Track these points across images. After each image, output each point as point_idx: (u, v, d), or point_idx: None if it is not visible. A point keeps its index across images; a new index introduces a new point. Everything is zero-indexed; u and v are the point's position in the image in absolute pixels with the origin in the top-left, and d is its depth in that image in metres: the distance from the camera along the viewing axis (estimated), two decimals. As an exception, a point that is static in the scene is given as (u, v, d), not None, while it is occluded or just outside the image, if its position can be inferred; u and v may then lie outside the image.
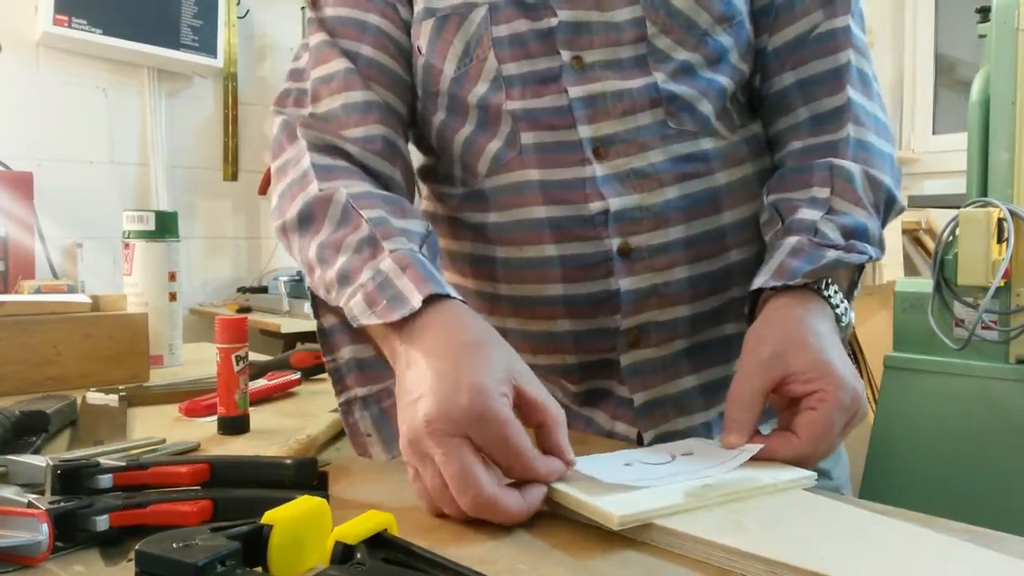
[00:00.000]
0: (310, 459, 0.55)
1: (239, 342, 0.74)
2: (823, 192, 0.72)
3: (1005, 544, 0.48)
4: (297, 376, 0.96)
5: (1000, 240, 1.95)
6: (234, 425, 0.75)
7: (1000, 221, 1.94)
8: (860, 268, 0.72)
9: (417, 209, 0.75)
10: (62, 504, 0.46)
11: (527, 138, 0.74)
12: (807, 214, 0.71)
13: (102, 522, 0.47)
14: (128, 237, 1.10)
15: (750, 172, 0.78)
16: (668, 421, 0.77)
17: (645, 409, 0.77)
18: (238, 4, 2.66)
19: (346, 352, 0.69)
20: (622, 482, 0.52)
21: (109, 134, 2.45)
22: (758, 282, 0.68)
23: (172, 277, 1.12)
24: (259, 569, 0.40)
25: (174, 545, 0.37)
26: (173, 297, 1.12)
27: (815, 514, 0.51)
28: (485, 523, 0.51)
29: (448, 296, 0.60)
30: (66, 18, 2.23)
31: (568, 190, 0.73)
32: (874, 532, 0.48)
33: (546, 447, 0.54)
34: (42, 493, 0.49)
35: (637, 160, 0.73)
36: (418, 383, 0.54)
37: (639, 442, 0.77)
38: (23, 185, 2.10)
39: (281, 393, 0.93)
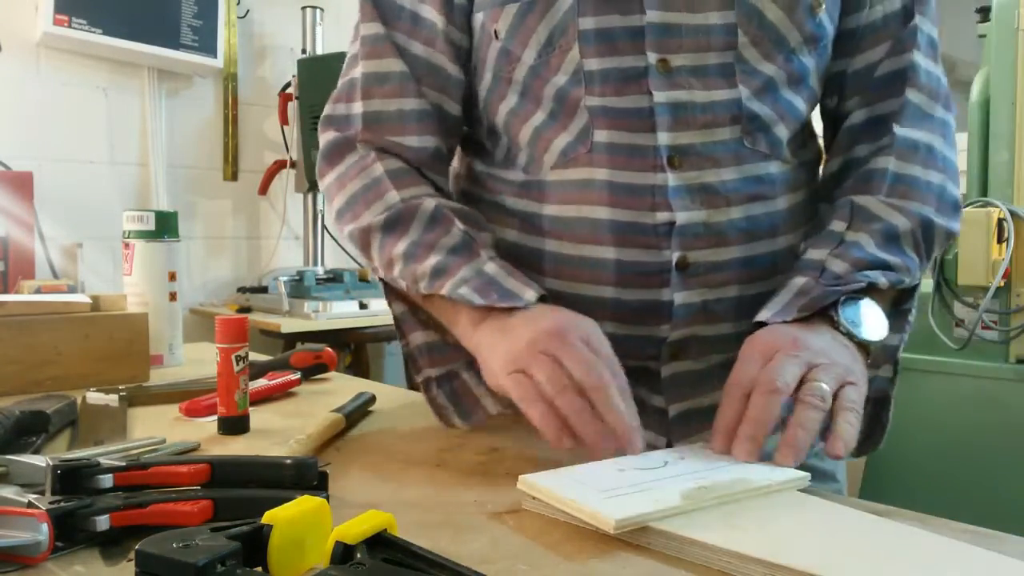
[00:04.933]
0: (310, 459, 0.55)
1: (239, 342, 0.74)
2: (840, 226, 0.72)
3: (1005, 544, 0.48)
4: (297, 376, 0.96)
5: (1000, 240, 1.95)
6: (234, 425, 0.75)
7: (1000, 221, 1.94)
8: (905, 291, 0.72)
9: (487, 223, 0.78)
10: (62, 504, 0.46)
11: (600, 136, 0.73)
12: (815, 254, 0.71)
13: (102, 522, 0.47)
14: (128, 237, 1.10)
15: (804, 199, 0.78)
16: (698, 432, 0.76)
17: (679, 420, 0.76)
18: (238, 4, 2.66)
19: (416, 337, 0.80)
20: (618, 486, 0.52)
21: (109, 134, 2.45)
22: (761, 316, 0.68)
23: (172, 277, 1.12)
24: (259, 569, 0.40)
25: (174, 545, 0.37)
26: (173, 297, 1.12)
27: (812, 515, 0.52)
28: (485, 523, 0.51)
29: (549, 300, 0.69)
30: (66, 18, 2.23)
31: (636, 196, 0.72)
32: (872, 533, 0.48)
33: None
34: (42, 493, 0.49)
35: (710, 175, 0.72)
36: (513, 328, 0.66)
37: None
38: (23, 185, 2.10)
39: (281, 393, 0.93)
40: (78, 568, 0.45)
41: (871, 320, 0.67)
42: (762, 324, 0.68)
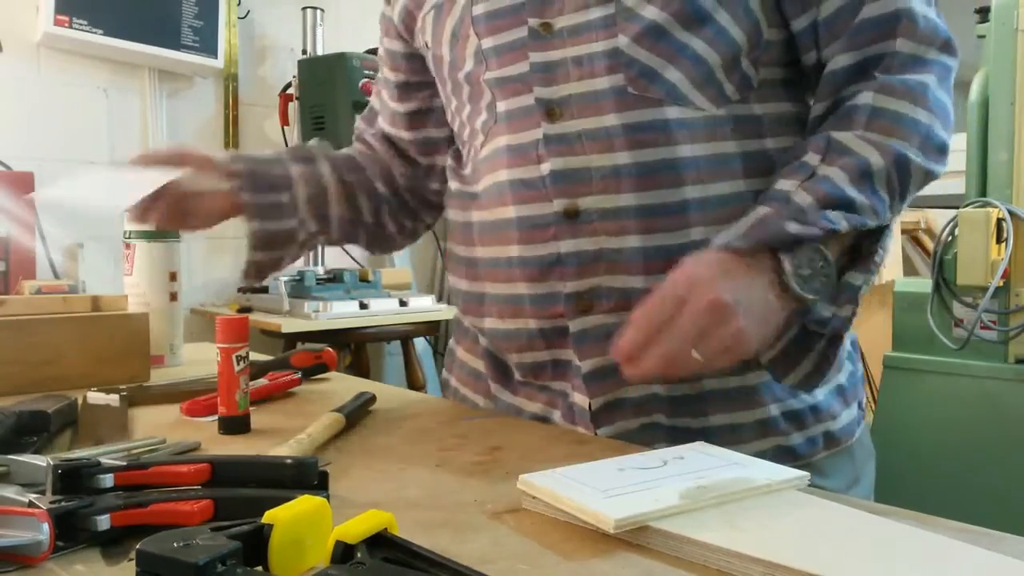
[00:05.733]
0: (310, 459, 0.55)
1: (240, 342, 0.74)
2: (814, 159, 0.70)
3: (1005, 544, 0.48)
4: (297, 376, 0.96)
5: (999, 240, 1.95)
6: (235, 425, 0.75)
7: (999, 221, 1.94)
8: (871, 233, 0.69)
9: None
10: (63, 504, 0.46)
11: (501, 106, 0.79)
12: (784, 184, 0.69)
13: (103, 522, 0.47)
14: (129, 237, 1.11)
15: (732, 151, 0.74)
16: (619, 389, 0.76)
17: (593, 376, 0.76)
18: (239, 5, 2.66)
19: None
20: (617, 485, 0.53)
21: (110, 134, 2.45)
22: (715, 241, 0.68)
23: (173, 277, 1.12)
24: (260, 568, 0.40)
25: (175, 545, 0.37)
26: (174, 297, 1.12)
27: (811, 515, 0.52)
28: (485, 523, 0.51)
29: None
30: (67, 18, 2.23)
31: (524, 153, 0.76)
32: (871, 533, 0.49)
33: None
34: (43, 493, 0.49)
35: (591, 122, 0.73)
36: None
37: (590, 412, 0.76)
38: (24, 185, 2.10)
39: (281, 393, 0.93)
40: (79, 568, 0.45)
41: (821, 272, 0.66)
42: None
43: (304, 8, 2.68)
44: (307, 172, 0.93)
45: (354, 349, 2.53)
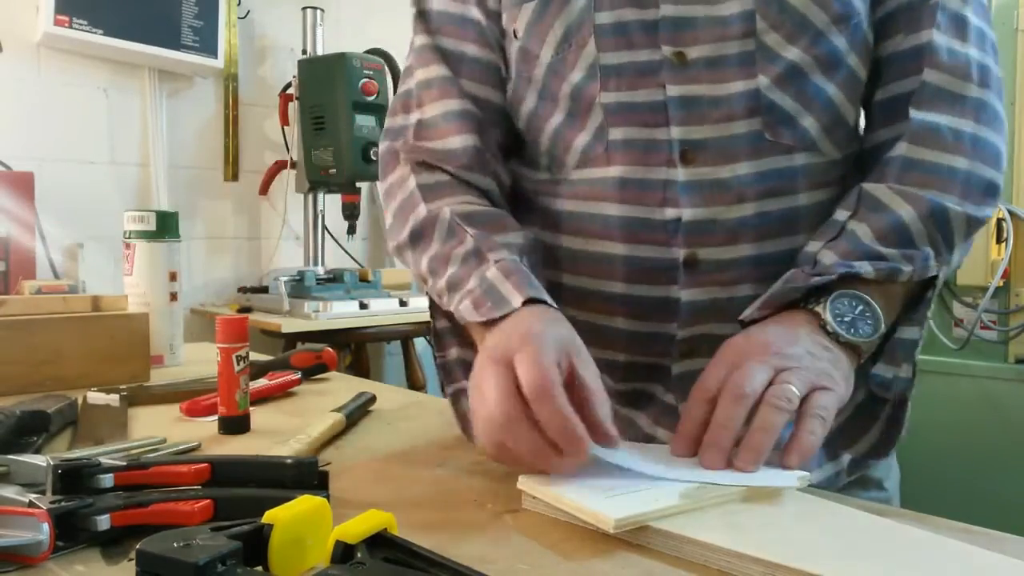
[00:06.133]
0: (310, 459, 0.55)
1: (240, 342, 0.74)
2: (843, 215, 0.68)
3: (1005, 544, 0.48)
4: (297, 376, 0.96)
5: (999, 240, 1.95)
6: (235, 424, 0.75)
7: (999, 221, 1.94)
8: (923, 283, 0.67)
9: (515, 222, 0.76)
10: (63, 504, 0.46)
11: (615, 133, 0.72)
12: (812, 245, 0.68)
13: (103, 521, 0.47)
14: (129, 237, 1.11)
15: (835, 194, 0.73)
16: None
17: None
18: (239, 5, 2.66)
19: (454, 352, 0.78)
20: (617, 485, 0.53)
21: (110, 134, 2.45)
22: (743, 315, 0.67)
23: (173, 277, 1.12)
24: (260, 568, 0.40)
25: (175, 544, 0.37)
26: (174, 297, 1.12)
27: (811, 515, 0.52)
28: (485, 523, 0.51)
29: (544, 301, 0.65)
30: (67, 18, 2.23)
31: (647, 191, 0.71)
32: (872, 533, 0.49)
33: (587, 421, 0.55)
34: (43, 493, 0.49)
35: (724, 171, 0.69)
36: (488, 345, 0.61)
37: None
38: (24, 185, 2.10)
39: (281, 393, 0.93)
40: (79, 568, 0.45)
41: (863, 315, 0.63)
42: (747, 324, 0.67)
43: (304, 8, 2.68)
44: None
45: (354, 349, 2.53)
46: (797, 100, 0.70)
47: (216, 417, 0.76)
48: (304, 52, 2.67)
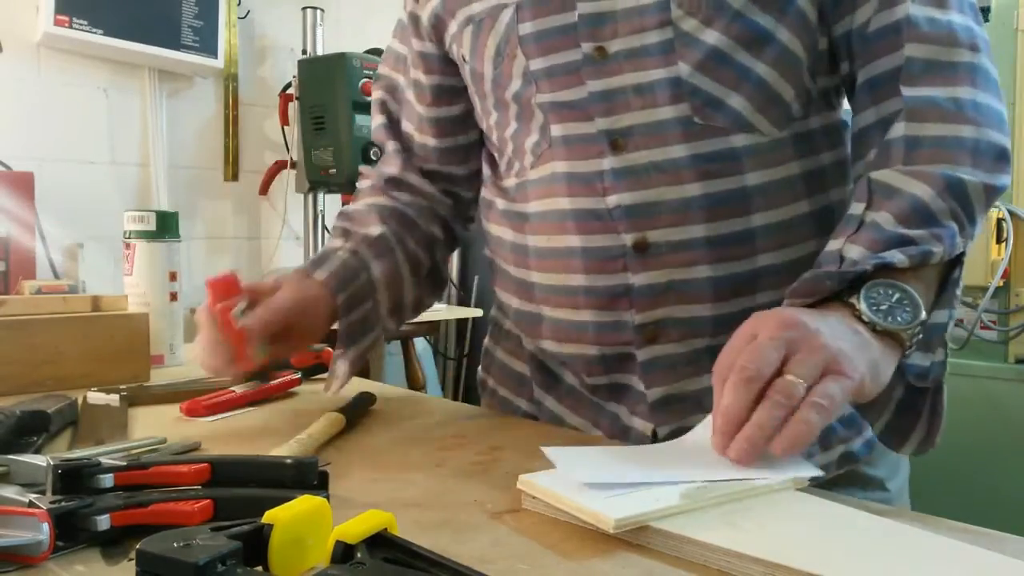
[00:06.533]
0: (310, 459, 0.55)
1: (233, 295, 0.73)
2: (858, 208, 0.66)
3: (1005, 544, 0.48)
4: (297, 376, 0.96)
5: (999, 240, 1.95)
6: (261, 375, 0.75)
7: (999, 221, 1.94)
8: (951, 262, 0.65)
9: (375, 219, 0.90)
10: (63, 504, 0.46)
11: (556, 130, 0.76)
12: (834, 243, 0.66)
13: (103, 521, 0.47)
14: (129, 237, 1.11)
15: (795, 172, 0.73)
16: (684, 417, 0.75)
17: (659, 404, 0.76)
18: (239, 5, 2.66)
19: None
20: (616, 482, 0.53)
21: (110, 134, 2.45)
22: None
23: (173, 277, 1.12)
24: (260, 568, 0.40)
25: (175, 544, 0.37)
26: (174, 297, 1.12)
27: (812, 515, 0.52)
28: (485, 523, 0.51)
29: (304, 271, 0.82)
30: (67, 18, 2.23)
31: (587, 183, 0.74)
32: (872, 533, 0.49)
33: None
34: (43, 492, 0.49)
35: (657, 154, 0.71)
36: None
37: (653, 438, 0.76)
38: (24, 185, 2.10)
39: (281, 393, 0.93)
40: (79, 568, 0.45)
41: (900, 303, 0.61)
42: None
43: (304, 8, 2.69)
44: (387, 270, 0.87)
45: (354, 349, 2.52)
46: (722, 82, 0.71)
47: (216, 417, 0.76)
48: (304, 52, 2.67)
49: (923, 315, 0.60)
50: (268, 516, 0.41)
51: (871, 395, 0.59)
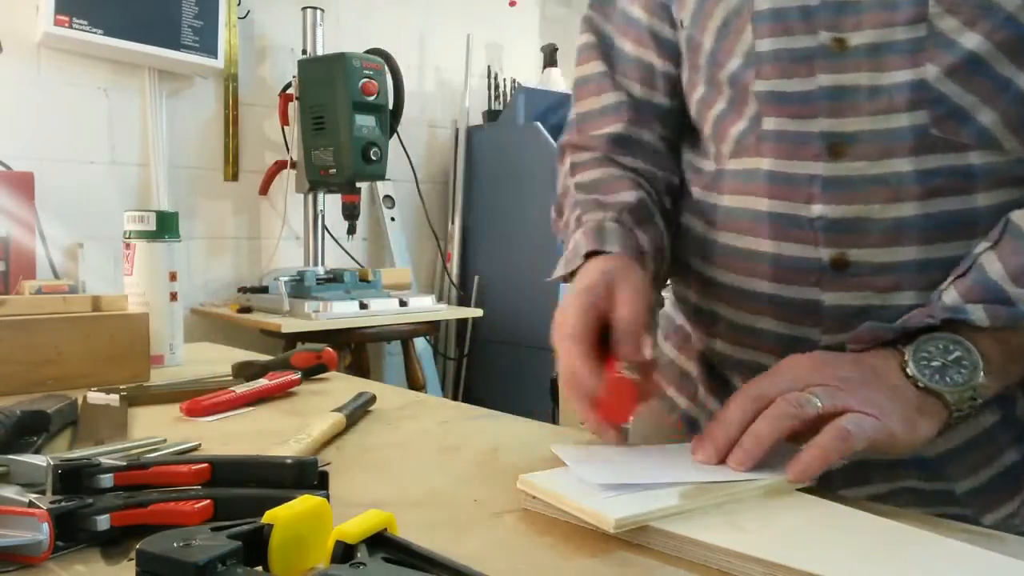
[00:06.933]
0: (311, 459, 0.55)
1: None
2: (982, 246, 0.61)
3: (1005, 544, 0.48)
4: (297, 376, 0.96)
5: (1000, 240, 1.94)
6: None
7: (1000, 221, 1.93)
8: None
9: (630, 183, 0.79)
10: (63, 504, 0.46)
11: (768, 124, 0.69)
12: (946, 281, 0.61)
13: (103, 521, 0.47)
14: (129, 237, 1.11)
15: (1018, 196, 0.64)
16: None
17: None
18: (239, 5, 2.66)
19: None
20: (617, 482, 0.53)
21: (110, 134, 2.45)
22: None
23: (173, 277, 1.12)
24: (260, 568, 0.40)
25: (175, 544, 0.37)
26: (174, 297, 1.12)
27: (812, 515, 0.52)
28: (485, 523, 0.51)
29: (606, 252, 0.69)
30: (67, 19, 2.23)
31: (793, 186, 0.67)
32: (872, 533, 0.48)
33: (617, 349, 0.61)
34: (43, 493, 0.49)
35: (880, 166, 0.63)
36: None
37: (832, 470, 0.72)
38: (24, 185, 2.10)
39: (281, 393, 0.93)
40: (79, 568, 0.45)
41: (958, 362, 0.56)
42: None
43: (304, 8, 2.69)
44: (654, 237, 0.77)
45: (354, 349, 2.53)
46: (974, 92, 0.62)
47: (217, 417, 0.76)
48: (304, 52, 2.67)
49: (980, 379, 0.56)
50: (268, 516, 0.41)
51: (904, 449, 0.56)
